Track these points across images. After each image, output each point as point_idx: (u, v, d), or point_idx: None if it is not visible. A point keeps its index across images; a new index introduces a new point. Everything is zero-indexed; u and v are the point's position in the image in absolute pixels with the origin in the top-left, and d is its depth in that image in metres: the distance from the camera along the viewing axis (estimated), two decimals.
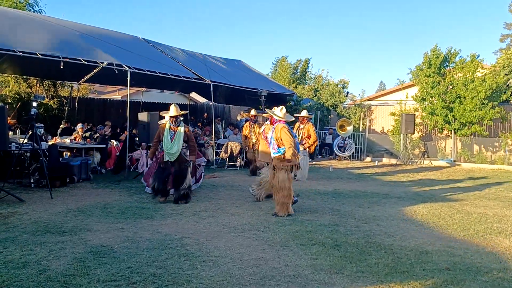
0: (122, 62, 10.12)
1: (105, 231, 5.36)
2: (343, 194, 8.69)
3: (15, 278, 3.72)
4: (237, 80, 14.79)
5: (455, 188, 9.88)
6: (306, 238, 5.25)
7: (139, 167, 10.89)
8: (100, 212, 6.45)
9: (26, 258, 4.23)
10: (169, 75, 11.46)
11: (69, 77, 13.74)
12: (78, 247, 4.65)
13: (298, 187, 9.34)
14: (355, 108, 18.50)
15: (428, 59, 15.68)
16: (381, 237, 5.39)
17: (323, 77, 20.82)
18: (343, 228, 5.78)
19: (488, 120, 14.56)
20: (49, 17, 12.13)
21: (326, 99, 18.69)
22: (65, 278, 3.74)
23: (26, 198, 7.19)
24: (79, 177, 9.21)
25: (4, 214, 6.11)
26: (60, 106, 14.66)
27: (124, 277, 3.81)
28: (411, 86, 17.71)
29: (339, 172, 12.62)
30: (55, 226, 5.54)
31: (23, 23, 10.16)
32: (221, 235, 5.31)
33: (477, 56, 15.20)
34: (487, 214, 6.99)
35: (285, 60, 21.96)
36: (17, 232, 5.20)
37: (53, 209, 6.51)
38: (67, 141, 10.84)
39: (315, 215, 6.63)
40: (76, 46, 10.06)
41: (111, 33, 13.03)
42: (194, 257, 4.41)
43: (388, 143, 17.53)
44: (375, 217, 6.58)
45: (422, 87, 15.65)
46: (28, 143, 8.27)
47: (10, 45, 8.48)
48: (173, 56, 13.60)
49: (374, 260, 4.47)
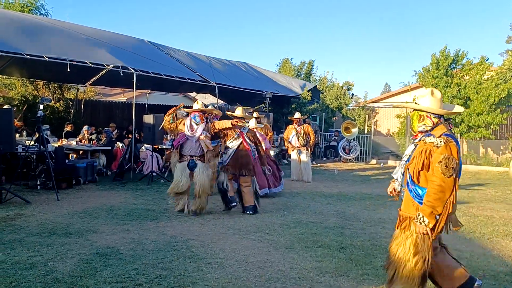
0: (128, 64, 10.17)
1: (111, 233, 5.39)
2: (348, 196, 8.68)
3: (22, 279, 3.75)
4: (242, 81, 14.82)
5: (461, 191, 9.82)
6: (311, 240, 5.24)
7: (144, 169, 10.92)
8: (106, 214, 6.48)
9: (33, 260, 4.26)
10: (174, 77, 11.50)
11: (75, 79, 13.83)
12: (85, 248, 4.68)
13: (303, 189, 9.36)
14: (360, 110, 18.47)
15: (436, 60, 15.63)
16: (387, 240, 5.35)
17: (328, 79, 20.84)
18: (349, 231, 5.77)
19: (495, 125, 14.51)
20: (55, 20, 12.22)
21: (331, 101, 18.68)
22: (71, 280, 3.76)
23: (32, 200, 7.23)
24: (85, 179, 9.26)
25: (11, 215, 6.16)
26: (66, 109, 14.76)
27: (130, 278, 3.83)
28: (418, 88, 17.67)
29: (344, 175, 12.60)
30: (62, 227, 5.57)
31: (30, 27, 10.24)
32: (226, 237, 5.31)
33: (486, 59, 15.15)
34: (493, 217, 6.95)
35: (288, 62, 21.98)
36: (24, 233, 5.24)
37: (59, 211, 6.55)
38: (73, 143, 10.90)
39: (320, 217, 6.63)
40: (82, 49, 10.13)
41: (117, 36, 13.10)
42: (200, 259, 4.42)
43: (393, 145, 17.49)
44: (380, 219, 6.56)
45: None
46: (34, 145, 8.32)
47: (17, 48, 8.55)
48: (178, 58, 13.65)
49: (380, 262, 4.45)
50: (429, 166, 3.15)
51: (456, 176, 3.09)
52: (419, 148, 3.24)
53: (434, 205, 3.07)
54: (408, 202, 3.33)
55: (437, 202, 3.07)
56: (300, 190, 9.26)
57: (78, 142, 11.06)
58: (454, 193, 3.09)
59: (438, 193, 3.06)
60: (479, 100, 14.44)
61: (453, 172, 3.04)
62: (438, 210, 3.08)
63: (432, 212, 3.08)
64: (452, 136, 3.19)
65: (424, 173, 3.19)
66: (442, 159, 3.06)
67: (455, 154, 3.09)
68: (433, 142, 3.15)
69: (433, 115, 3.30)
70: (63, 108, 14.64)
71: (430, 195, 3.09)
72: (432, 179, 3.10)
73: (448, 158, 3.05)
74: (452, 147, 3.10)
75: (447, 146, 3.10)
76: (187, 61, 13.76)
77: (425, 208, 3.11)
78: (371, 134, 17.57)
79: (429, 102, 3.31)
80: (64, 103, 14.71)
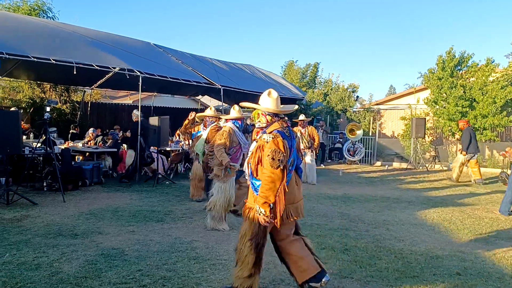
0: (134, 67, 10.23)
1: (116, 234, 5.42)
2: (352, 198, 8.66)
3: (28, 280, 3.79)
4: (247, 84, 14.84)
5: (466, 193, 9.78)
6: (316, 242, 5.24)
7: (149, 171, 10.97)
8: (111, 215, 6.52)
9: (38, 260, 4.30)
10: (179, 79, 11.55)
11: (82, 82, 13.92)
12: (90, 249, 4.71)
13: (307, 191, 9.35)
14: (364, 112, 18.43)
15: (442, 61, 15.58)
16: (391, 242, 5.36)
17: (333, 81, 20.83)
18: (353, 233, 5.77)
19: (501, 127, 14.42)
20: (62, 24, 12.31)
21: (336, 103, 18.66)
22: (77, 280, 3.80)
23: (39, 201, 7.30)
24: (91, 180, 9.32)
25: (17, 217, 6.22)
26: (72, 111, 14.86)
27: (135, 279, 3.86)
28: (423, 89, 17.61)
29: (348, 176, 12.57)
30: (67, 229, 5.61)
31: (37, 30, 10.33)
32: (230, 239, 5.33)
33: (492, 60, 15.08)
34: (499, 219, 6.91)
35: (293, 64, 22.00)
36: (30, 234, 5.29)
37: (65, 212, 6.60)
38: (80, 145, 10.98)
39: (325, 219, 6.63)
40: (89, 52, 10.20)
41: (123, 39, 13.18)
42: (204, 260, 4.44)
43: (398, 147, 17.43)
44: (385, 221, 6.55)
45: (435, 89, 15.53)
46: (41, 147, 8.39)
47: (24, 50, 8.63)
48: (184, 61, 13.69)
49: (384, 264, 4.45)
50: (262, 160, 3.43)
51: (284, 167, 3.34)
52: (257, 144, 3.53)
53: (266, 195, 3.32)
54: (250, 194, 3.60)
55: (269, 192, 3.32)
56: (304, 192, 9.16)
57: (84, 144, 11.14)
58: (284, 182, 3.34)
59: (269, 183, 3.31)
60: (485, 102, 14.36)
61: (279, 163, 3.30)
62: (270, 199, 3.33)
63: (265, 202, 3.33)
64: (281, 132, 3.44)
65: (260, 167, 3.45)
66: (270, 153, 3.32)
67: (281, 148, 3.34)
68: (265, 138, 3.44)
69: (268, 113, 3.57)
70: (69, 111, 14.74)
71: (263, 186, 3.35)
72: (264, 171, 3.37)
73: (275, 151, 3.31)
74: (279, 142, 3.36)
75: (274, 140, 3.37)
76: (192, 64, 13.81)
77: (259, 199, 3.37)
78: (376, 136, 17.52)
79: (265, 102, 3.61)
80: (70, 106, 14.82)
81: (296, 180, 3.56)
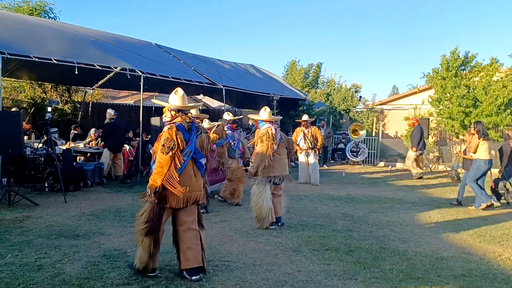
0: (135, 67, 10.20)
1: (118, 235, 5.40)
2: (356, 199, 8.62)
3: (30, 281, 3.76)
4: (249, 84, 14.81)
5: (470, 193, 9.71)
6: (319, 243, 5.21)
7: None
8: (113, 216, 6.50)
9: (41, 261, 4.27)
10: (181, 79, 11.51)
11: (83, 82, 13.91)
12: (92, 250, 4.69)
13: (310, 191, 9.32)
14: (368, 113, 18.36)
15: (446, 61, 15.53)
16: (395, 243, 5.32)
17: (336, 82, 20.77)
18: (357, 234, 5.73)
19: (504, 126, 14.33)
20: (64, 24, 12.30)
21: (339, 103, 18.61)
22: (79, 281, 3.77)
23: (40, 202, 7.28)
24: (93, 181, 9.30)
25: (19, 217, 6.19)
26: (74, 111, 14.83)
27: (137, 280, 3.83)
28: (426, 89, 17.54)
29: (352, 177, 12.52)
30: (69, 229, 5.59)
31: (39, 30, 10.31)
32: (233, 240, 5.30)
33: (496, 60, 15.01)
34: (503, 220, 6.86)
35: (296, 64, 21.95)
36: (32, 235, 5.26)
37: (67, 213, 6.58)
38: (81, 145, 10.95)
39: (328, 220, 6.58)
40: (90, 52, 10.17)
41: (125, 38, 13.16)
42: (207, 261, 4.40)
43: (402, 147, 17.34)
44: (389, 222, 6.51)
45: (439, 89, 15.46)
46: (42, 148, 8.37)
47: (25, 51, 8.61)
48: (186, 61, 13.67)
49: (388, 266, 4.42)
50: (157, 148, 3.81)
51: (175, 155, 3.69)
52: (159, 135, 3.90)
53: (154, 178, 3.70)
54: None
55: (157, 176, 3.69)
56: (307, 192, 9.22)
57: (86, 144, 11.11)
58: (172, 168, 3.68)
59: (158, 168, 3.69)
60: (488, 102, 14.29)
61: (168, 150, 3.65)
62: (157, 183, 3.67)
63: (153, 184, 3.69)
64: (179, 126, 3.81)
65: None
66: (162, 141, 3.71)
67: (174, 137, 3.70)
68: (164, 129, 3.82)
69: (173, 109, 3.97)
70: (71, 111, 14.71)
71: (154, 170, 3.74)
72: (156, 157, 3.75)
73: (166, 139, 3.69)
74: (172, 132, 3.72)
75: (169, 130, 3.74)
76: (194, 64, 13.78)
77: (150, 182, 3.74)
78: (379, 136, 17.45)
79: (171, 100, 4.00)
80: (72, 106, 14.78)
81: (194, 172, 3.86)
